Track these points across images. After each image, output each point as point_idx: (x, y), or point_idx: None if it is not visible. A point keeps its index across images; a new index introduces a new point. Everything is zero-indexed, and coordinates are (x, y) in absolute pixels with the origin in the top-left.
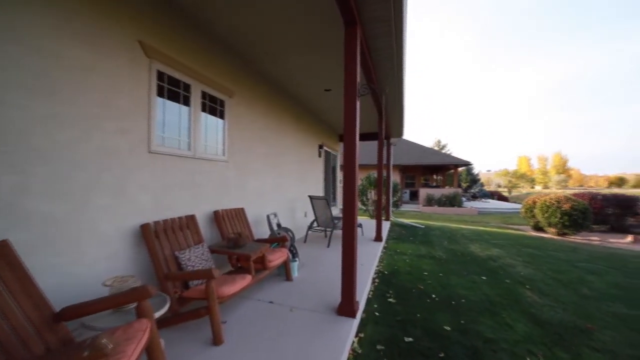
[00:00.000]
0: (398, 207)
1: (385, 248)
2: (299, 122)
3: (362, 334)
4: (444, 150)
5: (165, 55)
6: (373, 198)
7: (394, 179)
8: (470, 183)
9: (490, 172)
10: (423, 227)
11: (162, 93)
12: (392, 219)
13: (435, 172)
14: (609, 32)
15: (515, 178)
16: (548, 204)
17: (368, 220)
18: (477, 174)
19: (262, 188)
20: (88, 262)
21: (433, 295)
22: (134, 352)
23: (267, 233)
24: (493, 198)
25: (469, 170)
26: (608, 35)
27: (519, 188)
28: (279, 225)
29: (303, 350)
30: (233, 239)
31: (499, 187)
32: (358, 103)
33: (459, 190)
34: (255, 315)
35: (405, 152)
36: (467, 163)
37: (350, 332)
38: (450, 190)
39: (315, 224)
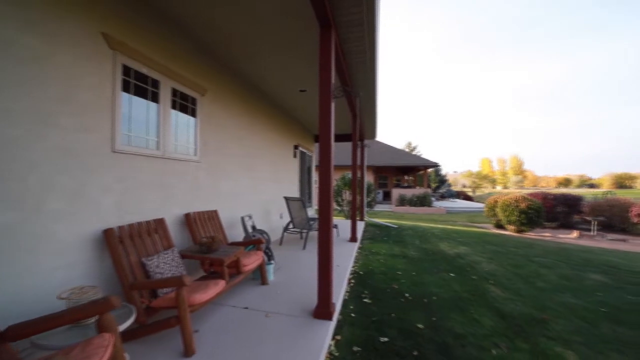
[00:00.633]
0: (372, 207)
1: (361, 248)
2: (274, 122)
3: (338, 337)
4: (415, 152)
5: (132, 49)
6: (348, 198)
7: (368, 180)
8: (439, 183)
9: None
10: (396, 227)
11: (128, 89)
12: (366, 219)
13: (407, 172)
14: (574, 44)
15: (479, 179)
16: (508, 204)
17: (343, 221)
18: (444, 175)
19: (236, 189)
20: (43, 273)
21: (407, 294)
22: None
23: (241, 236)
24: (459, 198)
25: (438, 172)
26: (575, 47)
27: (482, 188)
28: (254, 228)
29: (279, 358)
30: (206, 243)
31: (465, 187)
32: (333, 105)
33: (429, 191)
34: (230, 323)
35: (378, 153)
36: (435, 164)
37: (327, 335)
38: (421, 191)
39: (291, 226)
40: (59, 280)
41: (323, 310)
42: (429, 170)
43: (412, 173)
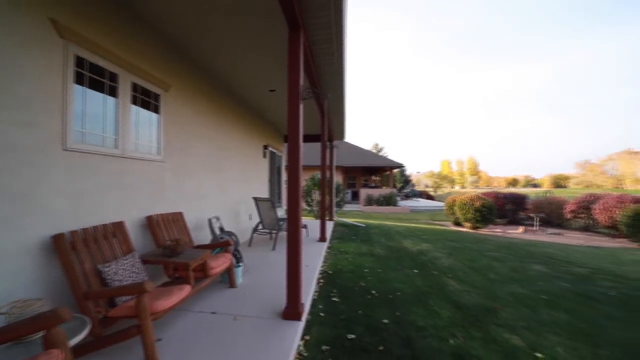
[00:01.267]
0: (341, 207)
1: (330, 248)
2: (244, 121)
3: (307, 337)
4: (382, 153)
5: (86, 39)
6: (317, 199)
7: (337, 180)
8: (404, 184)
9: (420, 173)
10: (364, 226)
11: (82, 81)
12: (335, 219)
13: (374, 173)
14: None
15: (440, 179)
16: (464, 202)
17: (313, 221)
18: (409, 175)
19: (203, 190)
20: None
21: (373, 291)
22: None
23: (208, 238)
24: (422, 197)
25: (403, 172)
26: (524, 56)
27: (443, 188)
28: (222, 229)
29: None
30: (169, 247)
31: (427, 187)
32: (301, 106)
33: (395, 191)
34: (196, 329)
35: (347, 154)
36: (400, 165)
37: (296, 336)
38: (387, 191)
39: (261, 227)
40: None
41: (292, 311)
42: (395, 171)
43: (379, 173)
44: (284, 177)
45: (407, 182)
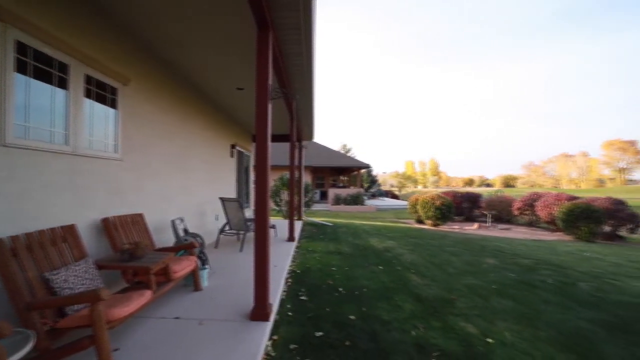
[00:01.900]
0: (310, 206)
1: (298, 247)
2: (211, 119)
3: (275, 336)
4: (350, 154)
5: (29, 23)
6: (286, 199)
7: (306, 180)
8: (370, 183)
9: (386, 173)
10: (332, 225)
11: (24, 70)
12: (304, 219)
13: (342, 173)
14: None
15: (404, 179)
16: (426, 201)
17: (281, 221)
18: (375, 176)
19: (166, 190)
20: None
21: (340, 289)
22: None
23: (172, 240)
24: (388, 196)
25: (369, 172)
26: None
27: (407, 187)
28: (186, 231)
29: None
30: (128, 250)
31: (392, 186)
32: (270, 105)
33: (362, 190)
34: (158, 336)
35: (316, 154)
36: (367, 166)
37: (264, 337)
38: (355, 190)
39: (228, 228)
40: None
41: (260, 312)
42: (362, 171)
43: (347, 173)
44: (252, 177)
45: (373, 182)
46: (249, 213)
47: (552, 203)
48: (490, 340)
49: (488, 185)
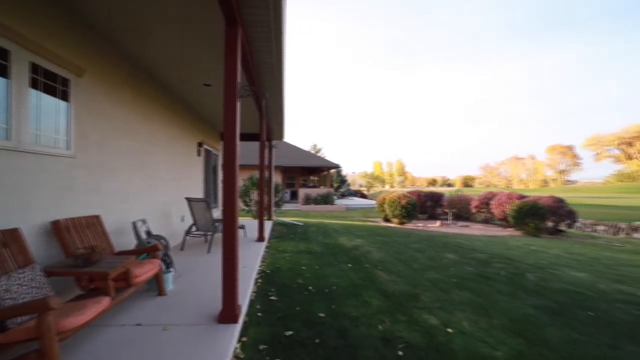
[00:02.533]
0: (280, 206)
1: (268, 247)
2: (175, 116)
3: (245, 338)
4: (320, 154)
5: None
6: (256, 199)
7: (276, 180)
8: (340, 183)
9: (355, 173)
10: (302, 224)
11: None
12: (274, 219)
13: (313, 173)
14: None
15: (372, 179)
16: (393, 201)
17: (251, 221)
18: (345, 175)
19: (126, 190)
20: None
21: (310, 287)
22: None
23: (133, 243)
24: (357, 196)
25: (339, 172)
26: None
27: (375, 187)
28: (149, 233)
29: None
30: (83, 255)
31: (361, 186)
32: (239, 104)
33: (332, 190)
34: (117, 345)
35: (286, 154)
36: (337, 166)
37: (233, 339)
38: (325, 190)
39: (195, 229)
40: None
41: (228, 314)
42: (332, 171)
43: (317, 173)
44: (221, 176)
45: (343, 181)
46: (217, 213)
47: (504, 202)
48: (451, 330)
49: (449, 185)
